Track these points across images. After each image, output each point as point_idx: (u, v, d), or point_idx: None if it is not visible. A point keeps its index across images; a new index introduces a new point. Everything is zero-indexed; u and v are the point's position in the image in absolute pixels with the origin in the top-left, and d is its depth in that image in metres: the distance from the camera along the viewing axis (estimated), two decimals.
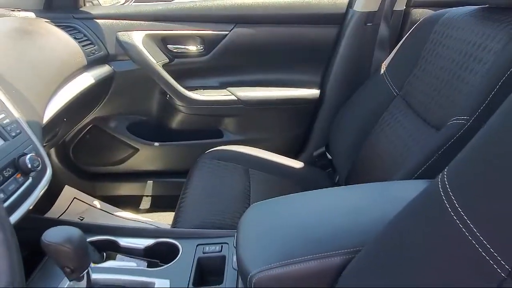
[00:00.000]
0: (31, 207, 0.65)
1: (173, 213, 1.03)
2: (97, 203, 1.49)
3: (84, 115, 1.33)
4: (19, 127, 0.71)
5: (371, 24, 1.26)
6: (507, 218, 0.37)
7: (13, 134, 0.68)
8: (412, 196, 0.48)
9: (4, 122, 0.68)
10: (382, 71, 1.16)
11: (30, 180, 0.67)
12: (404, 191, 0.51)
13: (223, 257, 0.72)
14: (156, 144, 1.49)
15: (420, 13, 1.34)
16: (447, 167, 0.45)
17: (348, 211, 0.61)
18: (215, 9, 1.33)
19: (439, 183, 0.44)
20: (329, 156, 1.34)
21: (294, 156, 1.41)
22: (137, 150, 1.50)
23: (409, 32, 1.10)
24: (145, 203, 1.56)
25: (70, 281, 0.62)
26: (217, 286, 0.65)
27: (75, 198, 1.47)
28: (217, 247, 0.74)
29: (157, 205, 1.55)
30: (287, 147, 1.49)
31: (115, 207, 1.48)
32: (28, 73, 0.86)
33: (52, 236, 0.56)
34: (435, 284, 0.41)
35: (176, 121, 1.47)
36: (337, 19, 1.32)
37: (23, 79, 0.82)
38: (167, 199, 1.47)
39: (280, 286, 0.56)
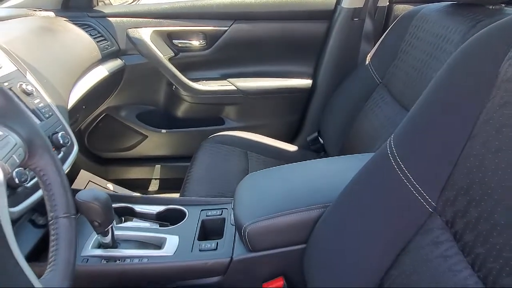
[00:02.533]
0: None
1: (179, 194, 1.14)
2: (110, 185, 1.60)
3: (99, 104, 1.44)
4: (51, 110, 0.84)
5: (357, 19, 1.35)
6: (432, 164, 0.50)
7: (47, 115, 0.81)
8: None
9: (39, 106, 0.81)
10: (367, 62, 1.27)
11: (62, 153, 0.79)
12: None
13: (223, 219, 0.84)
14: (164, 131, 1.58)
15: (401, 9, 1.42)
16: (394, 132, 0.58)
17: (323, 175, 0.74)
18: (216, 7, 1.42)
19: (387, 144, 0.57)
20: (321, 141, 1.44)
21: (289, 141, 1.50)
22: (146, 136, 1.60)
23: (391, 26, 1.20)
24: (154, 186, 1.67)
25: (97, 234, 0.75)
26: (217, 240, 0.78)
27: (90, 181, 1.58)
28: (218, 212, 0.86)
29: (165, 187, 1.65)
30: (282, 133, 1.59)
31: (127, 190, 1.59)
32: (54, 66, 0.99)
33: (84, 195, 0.68)
34: (380, 219, 0.54)
35: (181, 110, 1.57)
36: (327, 15, 1.42)
37: (50, 71, 0.95)
38: (174, 181, 1.56)
39: (267, 234, 0.69)
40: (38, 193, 0.69)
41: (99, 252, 0.75)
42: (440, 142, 0.49)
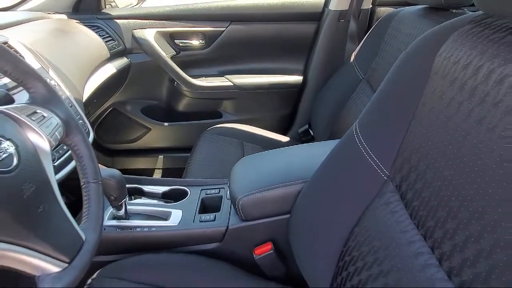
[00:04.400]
0: None
1: None
2: None
3: (108, 98, 1.55)
4: (70, 102, 0.96)
5: (343, 20, 1.46)
6: (386, 140, 0.62)
7: None
8: None
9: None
10: (351, 60, 1.38)
11: None
12: None
13: (221, 197, 0.96)
14: (166, 124, 1.68)
15: (383, 11, 1.53)
16: (360, 115, 0.70)
17: (304, 156, 0.86)
18: (214, 9, 1.53)
19: (354, 125, 0.70)
20: (311, 132, 1.55)
21: (282, 133, 1.59)
22: (149, 129, 1.70)
23: (373, 27, 1.32)
24: (157, 175, 1.77)
25: (112, 208, 0.87)
26: (215, 213, 0.90)
27: None
28: (216, 190, 0.98)
29: (167, 176, 1.72)
30: (276, 125, 1.70)
31: None
32: (70, 63, 1.10)
33: (101, 173, 0.81)
34: (346, 188, 0.66)
35: (182, 104, 1.68)
36: (316, 17, 1.53)
37: (67, 68, 1.07)
38: (175, 171, 1.67)
39: (258, 205, 0.82)
40: (64, 171, 0.82)
41: (114, 222, 0.87)
42: (392, 123, 0.62)
